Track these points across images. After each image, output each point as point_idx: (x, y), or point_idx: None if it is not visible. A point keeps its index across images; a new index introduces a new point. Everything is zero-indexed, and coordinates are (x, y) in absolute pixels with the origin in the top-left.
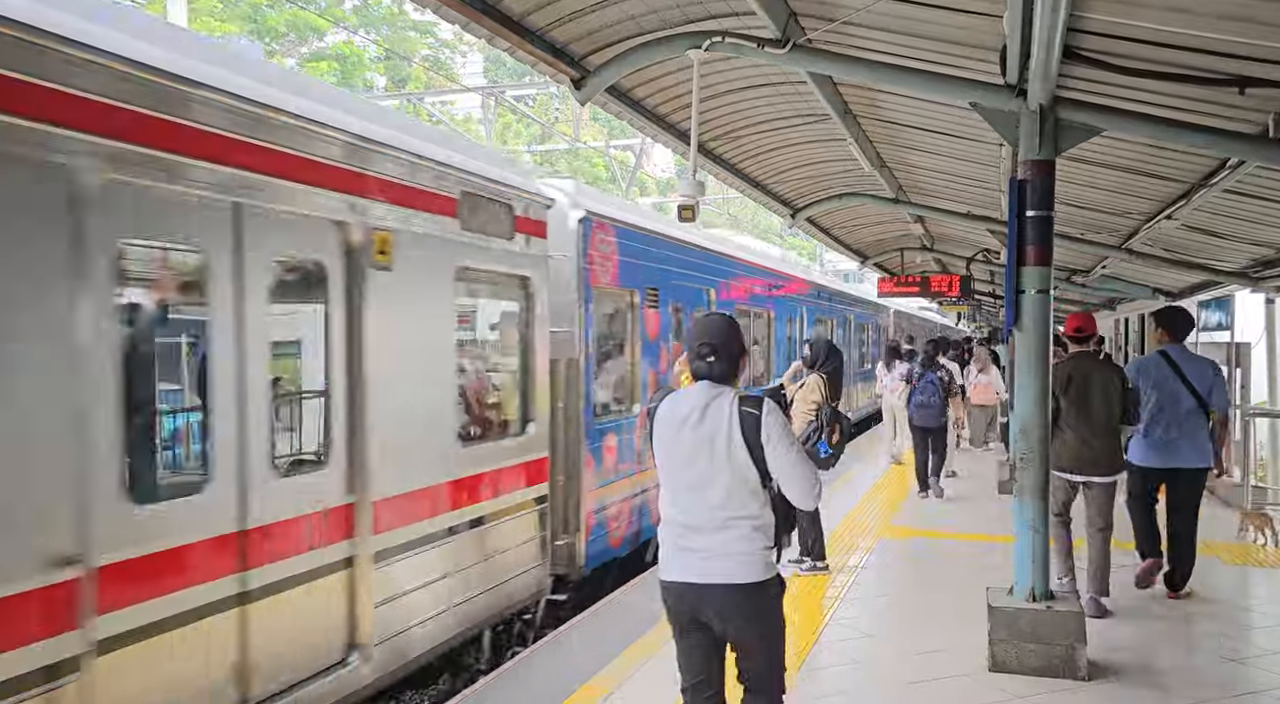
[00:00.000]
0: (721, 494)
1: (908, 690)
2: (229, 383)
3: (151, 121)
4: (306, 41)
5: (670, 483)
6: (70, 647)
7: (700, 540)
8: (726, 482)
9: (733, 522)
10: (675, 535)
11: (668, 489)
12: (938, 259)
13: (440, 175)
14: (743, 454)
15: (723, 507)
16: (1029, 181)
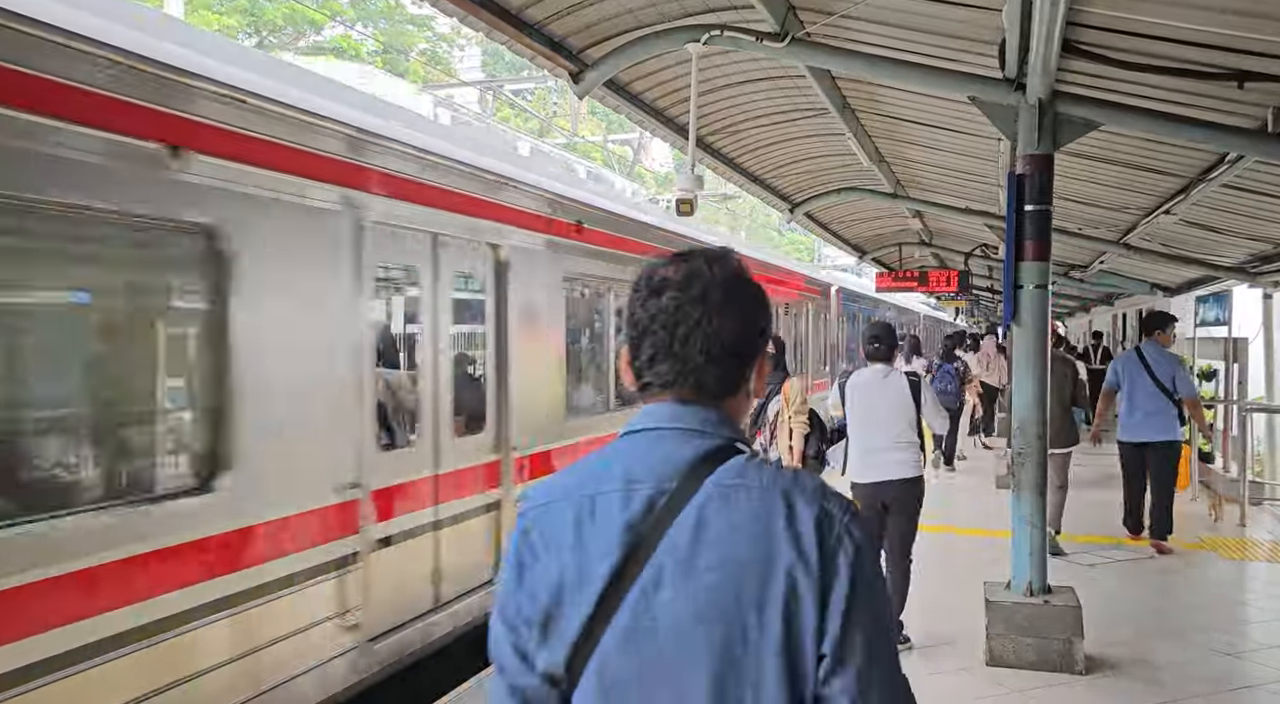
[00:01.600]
0: (898, 427)
1: None
2: (429, 367)
3: (411, 184)
4: (304, 35)
5: (862, 423)
6: (355, 545)
7: (883, 456)
8: (899, 419)
9: (902, 443)
10: (864, 454)
11: (859, 427)
12: (936, 254)
13: (557, 204)
14: (909, 402)
15: (898, 435)
16: (1027, 176)
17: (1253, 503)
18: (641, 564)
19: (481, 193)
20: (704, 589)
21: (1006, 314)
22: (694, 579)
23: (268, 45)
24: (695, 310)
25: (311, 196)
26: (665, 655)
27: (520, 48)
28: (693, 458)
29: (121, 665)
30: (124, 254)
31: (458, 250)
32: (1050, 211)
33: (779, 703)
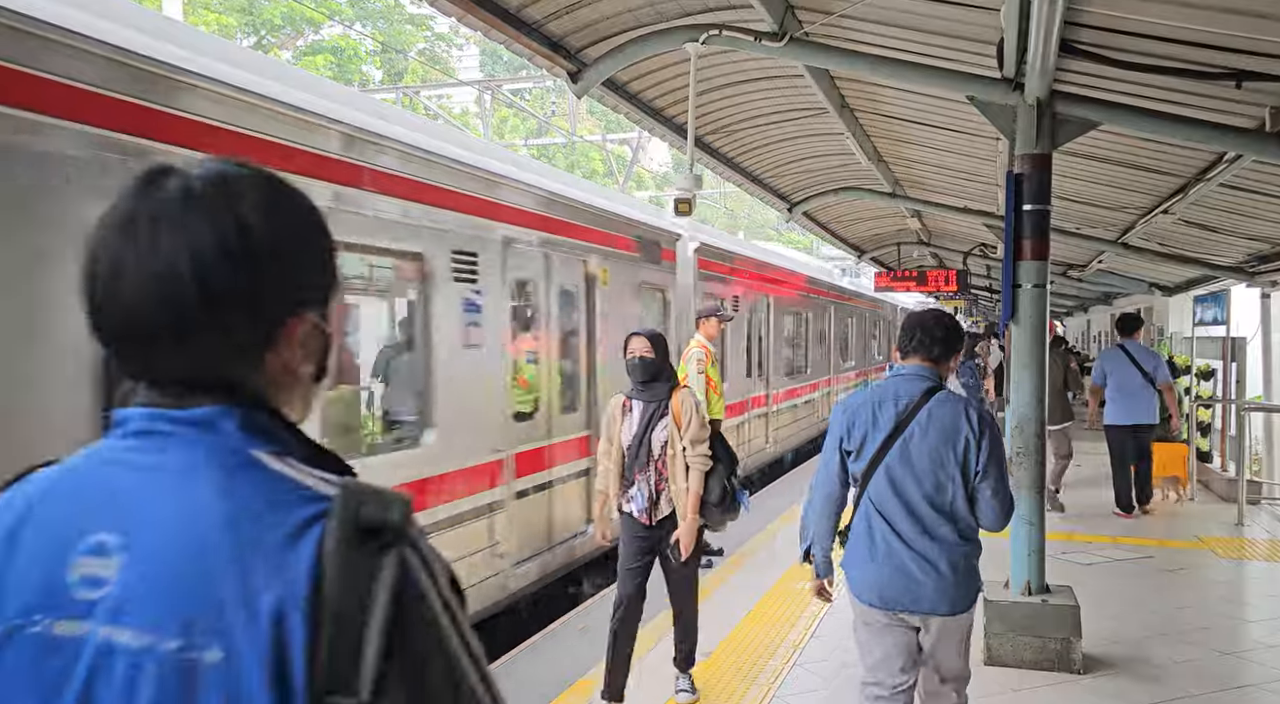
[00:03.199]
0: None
1: None
2: (547, 358)
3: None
4: (302, 35)
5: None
6: (501, 494)
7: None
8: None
9: None
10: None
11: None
12: (934, 253)
13: (632, 226)
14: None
15: None
16: (1026, 175)
17: (1250, 502)
18: (904, 429)
19: (578, 220)
20: (931, 440)
21: (1005, 313)
22: (927, 436)
23: (266, 45)
24: (928, 320)
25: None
26: (914, 464)
27: (519, 47)
28: (925, 388)
29: None
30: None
31: (562, 264)
32: (1049, 211)
33: (959, 488)
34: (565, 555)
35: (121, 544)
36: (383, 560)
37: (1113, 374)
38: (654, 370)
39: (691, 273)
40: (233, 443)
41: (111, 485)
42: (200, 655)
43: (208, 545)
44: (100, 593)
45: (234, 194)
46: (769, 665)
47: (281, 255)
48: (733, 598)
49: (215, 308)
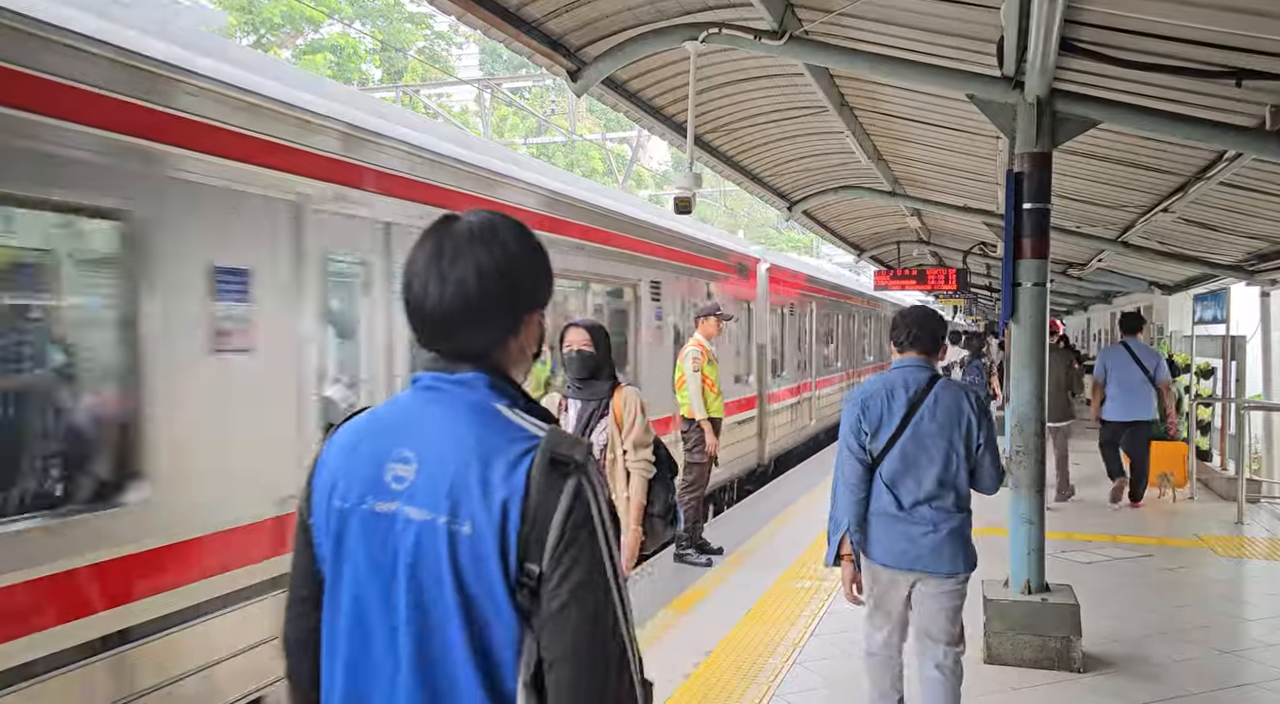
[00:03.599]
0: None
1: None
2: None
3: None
4: (302, 33)
5: None
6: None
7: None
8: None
9: None
10: None
11: None
12: (934, 252)
13: (734, 255)
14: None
15: None
16: (1026, 174)
17: (1250, 501)
18: (915, 412)
19: (704, 254)
20: (939, 420)
21: (1005, 312)
22: (935, 417)
23: (266, 44)
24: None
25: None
26: (925, 443)
27: (518, 45)
28: (929, 377)
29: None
30: None
31: (695, 287)
32: (1049, 209)
33: (963, 460)
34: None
35: (416, 456)
36: (566, 483)
37: (1114, 371)
38: (593, 366)
39: (764, 286)
40: (482, 397)
41: (410, 419)
42: (459, 528)
43: (466, 461)
44: (403, 486)
45: (497, 233)
46: (769, 664)
47: (525, 272)
48: (732, 597)
49: (486, 306)
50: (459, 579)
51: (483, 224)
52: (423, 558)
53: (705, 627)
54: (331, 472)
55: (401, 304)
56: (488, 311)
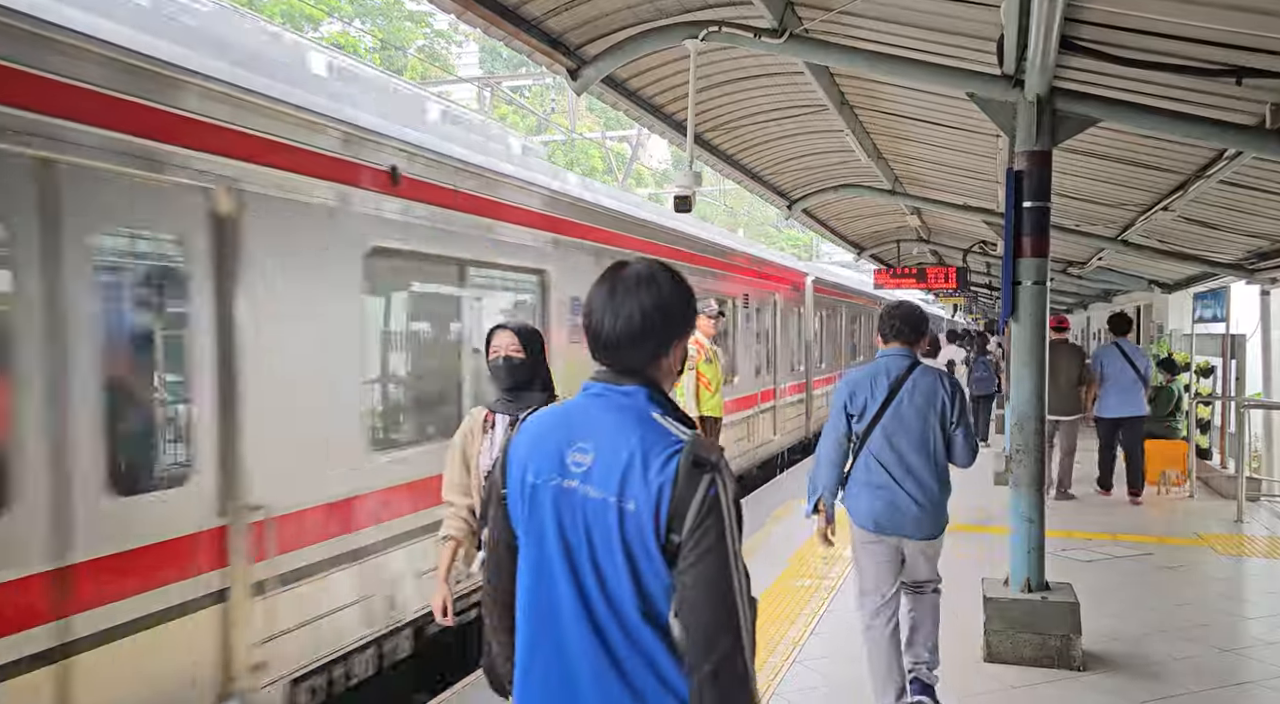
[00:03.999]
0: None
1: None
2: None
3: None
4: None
5: None
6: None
7: None
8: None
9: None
10: None
11: None
12: (934, 251)
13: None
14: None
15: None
16: (1026, 172)
17: (1250, 499)
18: (896, 395)
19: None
20: (917, 401)
21: (1005, 310)
22: (914, 399)
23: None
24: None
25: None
26: (905, 421)
27: (518, 44)
28: (908, 364)
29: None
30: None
31: (763, 299)
32: (1049, 208)
33: (939, 437)
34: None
35: (592, 446)
36: (703, 477)
37: (1108, 370)
38: (525, 374)
39: (810, 295)
40: (641, 405)
41: (586, 419)
42: (626, 505)
43: (631, 456)
44: (582, 469)
45: (658, 276)
46: (769, 662)
47: (675, 309)
48: None
49: (647, 334)
50: (625, 541)
51: (645, 272)
52: (597, 525)
53: None
54: (523, 456)
55: (583, 330)
56: (646, 339)
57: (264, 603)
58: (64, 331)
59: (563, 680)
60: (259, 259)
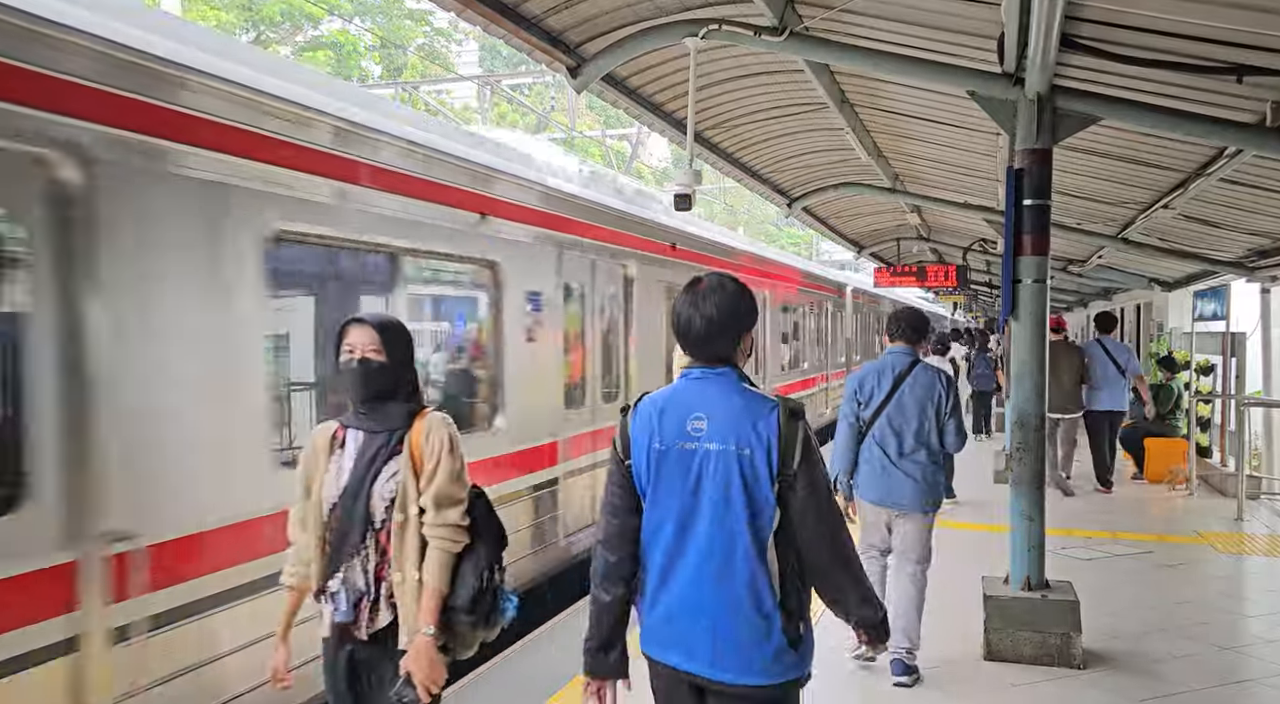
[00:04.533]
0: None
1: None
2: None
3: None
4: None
5: None
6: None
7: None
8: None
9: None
10: None
11: None
12: (934, 249)
13: (834, 282)
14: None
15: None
16: (1026, 171)
17: (1250, 497)
18: (899, 388)
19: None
20: (916, 394)
21: (1005, 308)
22: (914, 391)
23: (265, 41)
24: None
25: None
26: (906, 411)
27: (518, 42)
28: (910, 361)
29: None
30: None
31: (818, 305)
32: (1049, 206)
33: (933, 425)
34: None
35: (705, 414)
36: (798, 423)
37: (1096, 366)
38: (386, 382)
39: (850, 301)
40: (733, 381)
41: (695, 396)
42: (743, 452)
43: (740, 416)
44: (701, 432)
45: (725, 284)
46: None
47: (741, 308)
48: None
49: (725, 330)
50: (744, 480)
51: (716, 282)
52: (720, 469)
53: None
54: (646, 429)
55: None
56: (724, 332)
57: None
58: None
59: (694, 587)
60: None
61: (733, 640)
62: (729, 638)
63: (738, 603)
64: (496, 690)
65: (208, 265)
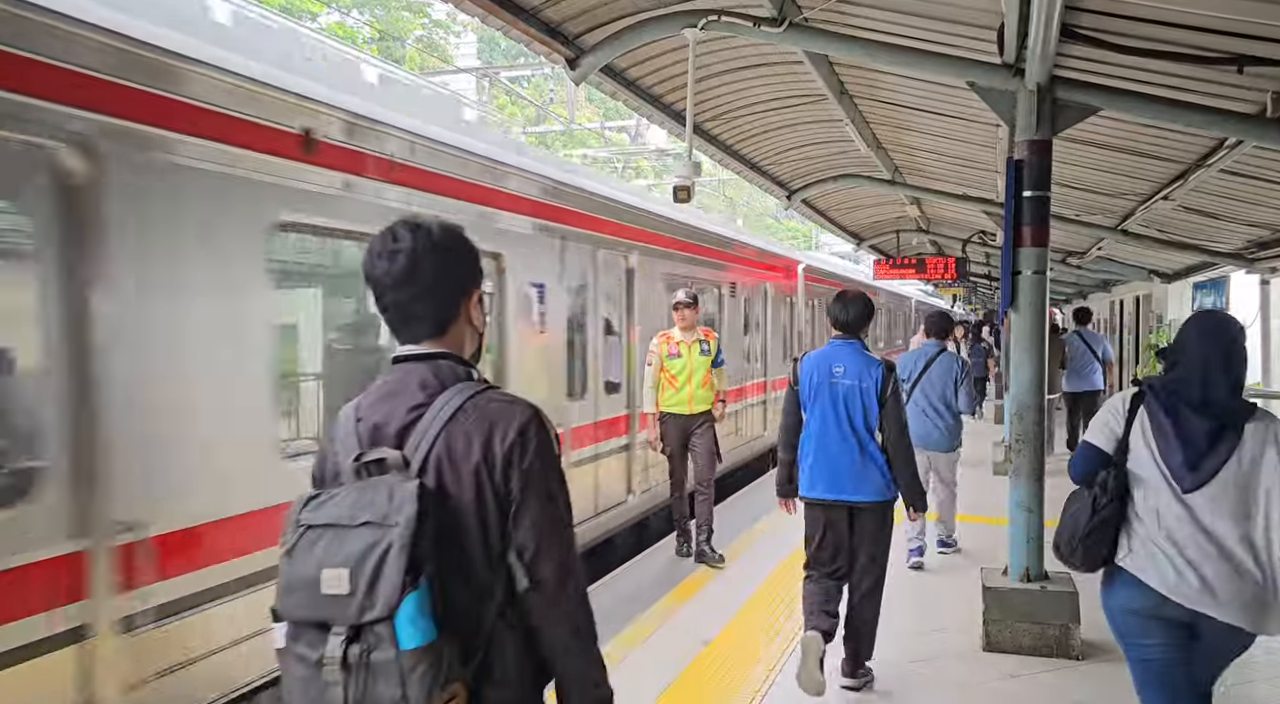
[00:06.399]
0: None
1: (903, 670)
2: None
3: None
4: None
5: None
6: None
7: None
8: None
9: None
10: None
11: None
12: (933, 241)
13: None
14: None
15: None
16: (1026, 162)
17: None
18: (929, 368)
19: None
20: (940, 372)
21: (1004, 300)
22: (940, 370)
23: None
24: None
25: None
26: (934, 383)
27: (516, 33)
28: (938, 350)
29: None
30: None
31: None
32: (1048, 197)
33: (952, 392)
34: None
35: (843, 363)
36: (891, 373)
37: (1072, 353)
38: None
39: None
40: (860, 346)
41: (837, 352)
42: (863, 385)
43: (862, 367)
44: (841, 373)
45: (864, 295)
46: (768, 652)
47: (867, 308)
48: (732, 586)
49: (859, 321)
50: (862, 400)
51: (853, 293)
52: (852, 395)
53: (704, 616)
54: (809, 370)
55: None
56: (860, 323)
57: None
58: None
59: (832, 466)
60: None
61: (853, 478)
62: (851, 477)
63: (854, 458)
64: None
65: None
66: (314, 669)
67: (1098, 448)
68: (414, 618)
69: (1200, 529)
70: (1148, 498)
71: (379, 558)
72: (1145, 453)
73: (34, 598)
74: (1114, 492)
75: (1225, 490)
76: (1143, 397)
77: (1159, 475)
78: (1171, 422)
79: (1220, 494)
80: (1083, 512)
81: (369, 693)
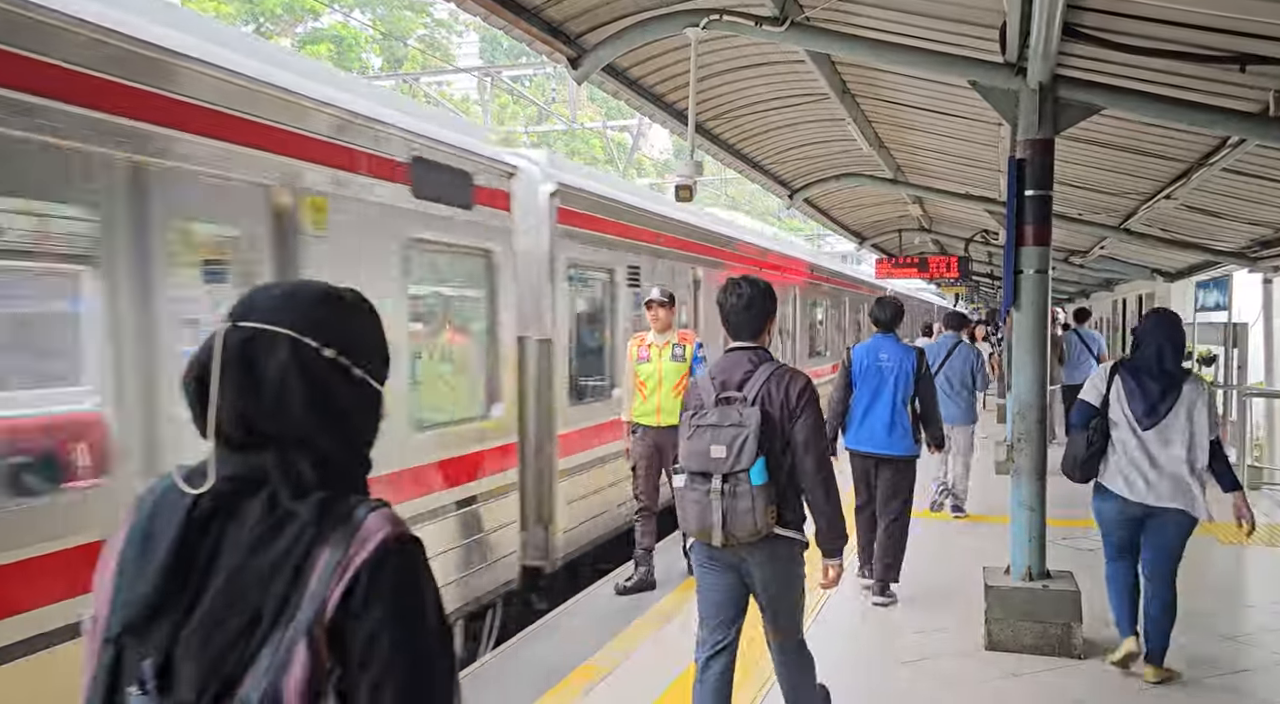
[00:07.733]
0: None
1: (904, 668)
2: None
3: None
4: (302, 22)
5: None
6: None
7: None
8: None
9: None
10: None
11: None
12: (936, 240)
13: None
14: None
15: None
16: (1028, 161)
17: (1252, 488)
18: (950, 356)
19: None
20: (959, 361)
21: (1006, 299)
22: (959, 358)
23: (266, 33)
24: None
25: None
26: (955, 369)
27: (518, 32)
28: (956, 342)
29: None
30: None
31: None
32: (1051, 196)
33: (970, 378)
34: None
35: (886, 351)
36: (923, 356)
37: (1069, 349)
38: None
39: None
40: (897, 339)
41: (882, 343)
42: (904, 366)
43: (901, 353)
44: (885, 358)
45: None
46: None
47: (900, 309)
48: None
49: (895, 319)
50: (903, 379)
51: (889, 298)
52: (896, 372)
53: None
54: (860, 356)
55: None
56: (897, 320)
57: None
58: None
59: (873, 428)
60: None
61: (887, 436)
62: (886, 437)
63: (892, 423)
64: (504, 674)
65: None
66: (705, 496)
67: (1089, 403)
68: (759, 471)
69: (1147, 455)
70: (1119, 435)
71: (742, 441)
72: (1119, 406)
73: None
74: (1100, 432)
75: (1169, 428)
76: (1117, 369)
77: (1125, 421)
78: (1136, 384)
79: (1165, 430)
80: (1080, 446)
81: (732, 507)
